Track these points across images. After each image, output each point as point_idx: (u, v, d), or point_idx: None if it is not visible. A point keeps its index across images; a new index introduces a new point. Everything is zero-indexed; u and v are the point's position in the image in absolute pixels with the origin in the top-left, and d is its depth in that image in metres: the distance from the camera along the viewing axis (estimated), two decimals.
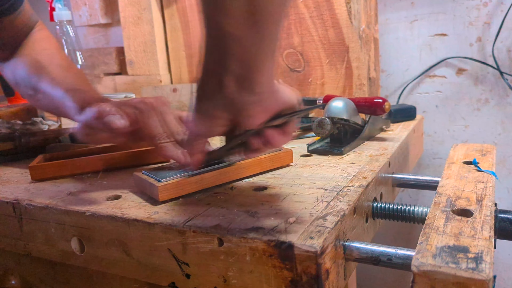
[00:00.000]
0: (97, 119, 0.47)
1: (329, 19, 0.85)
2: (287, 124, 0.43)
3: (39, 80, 0.61)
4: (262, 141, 0.42)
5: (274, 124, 0.42)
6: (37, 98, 0.62)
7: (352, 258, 0.41)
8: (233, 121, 0.40)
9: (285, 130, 0.43)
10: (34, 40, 0.70)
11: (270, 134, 0.42)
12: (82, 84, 0.61)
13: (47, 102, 0.61)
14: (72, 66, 0.68)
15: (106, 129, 0.47)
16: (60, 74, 0.62)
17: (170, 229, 0.40)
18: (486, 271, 0.31)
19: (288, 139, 0.44)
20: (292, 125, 0.43)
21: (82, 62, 1.11)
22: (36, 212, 0.49)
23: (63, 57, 0.68)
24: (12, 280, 0.59)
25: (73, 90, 0.58)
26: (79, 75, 0.65)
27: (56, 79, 0.61)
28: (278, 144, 0.43)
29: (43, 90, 0.60)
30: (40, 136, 0.72)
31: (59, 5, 1.08)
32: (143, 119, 0.50)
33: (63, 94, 0.57)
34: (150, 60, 1.10)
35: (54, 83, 0.60)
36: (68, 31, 1.09)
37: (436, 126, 1.03)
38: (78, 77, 0.64)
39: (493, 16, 0.93)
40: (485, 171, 0.54)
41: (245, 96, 0.37)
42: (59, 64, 0.65)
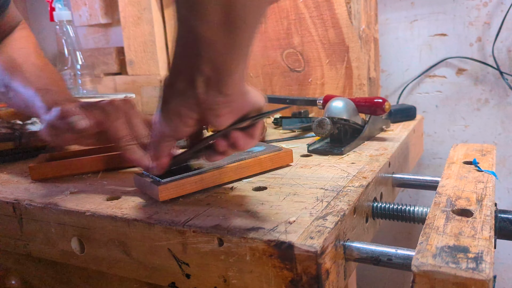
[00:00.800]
0: (61, 119, 0.47)
1: (329, 19, 0.85)
2: (253, 127, 0.42)
3: (11, 78, 0.61)
4: (228, 143, 0.42)
5: (240, 126, 0.42)
6: (8, 96, 0.62)
7: (352, 258, 0.41)
8: (200, 122, 0.39)
9: (251, 132, 0.42)
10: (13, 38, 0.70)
11: (236, 136, 0.41)
12: (54, 84, 0.61)
13: (18, 101, 0.61)
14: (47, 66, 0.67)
15: (69, 129, 0.47)
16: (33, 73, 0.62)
17: (170, 229, 0.40)
18: (486, 271, 0.31)
19: (254, 142, 0.43)
20: (258, 128, 0.43)
21: (82, 62, 1.11)
22: (36, 212, 0.49)
23: (39, 57, 0.68)
24: (12, 280, 0.59)
25: (44, 90, 0.57)
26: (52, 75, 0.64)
27: (28, 78, 0.60)
28: (243, 147, 0.42)
29: (14, 89, 0.60)
30: (40, 136, 0.72)
31: (59, 5, 1.08)
32: (109, 121, 0.49)
33: (33, 93, 0.57)
34: (150, 60, 1.10)
35: (26, 82, 0.60)
36: (68, 31, 1.09)
37: (436, 126, 1.03)
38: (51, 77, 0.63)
39: (493, 16, 0.93)
40: (485, 171, 0.54)
41: (214, 96, 0.36)
42: (33, 63, 0.65)
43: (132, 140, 0.50)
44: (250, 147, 0.43)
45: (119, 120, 0.50)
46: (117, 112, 0.50)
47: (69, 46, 1.10)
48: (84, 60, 1.12)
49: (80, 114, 0.47)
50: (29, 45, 0.70)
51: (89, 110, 0.49)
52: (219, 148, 0.42)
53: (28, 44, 0.70)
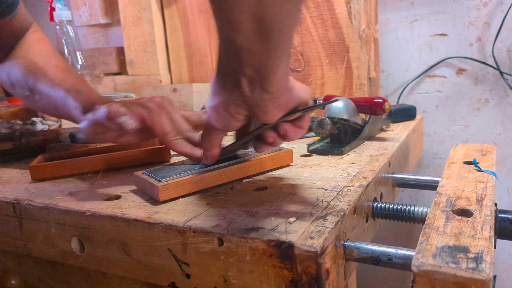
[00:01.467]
0: (109, 119, 0.47)
1: (329, 19, 0.85)
2: (301, 118, 0.45)
3: (36, 81, 0.61)
4: (278, 134, 0.44)
5: (289, 119, 0.44)
6: (34, 99, 0.62)
7: (352, 258, 0.41)
8: (250, 117, 0.41)
9: (299, 124, 0.45)
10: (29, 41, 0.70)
11: (286, 128, 0.44)
12: (81, 85, 0.61)
13: (46, 103, 0.61)
14: (69, 67, 0.68)
15: (117, 129, 0.47)
16: (58, 74, 0.62)
17: (170, 229, 0.40)
18: (486, 271, 0.31)
19: (303, 133, 0.46)
20: (306, 120, 0.45)
21: (82, 62, 1.11)
22: (36, 212, 0.49)
23: (59, 59, 0.68)
24: (12, 280, 0.59)
25: (75, 90, 0.58)
26: (77, 76, 0.65)
27: (55, 80, 0.61)
28: (293, 138, 0.45)
29: (41, 91, 0.60)
30: (40, 136, 0.72)
31: (59, 5, 1.08)
32: (153, 118, 0.50)
33: (64, 94, 0.57)
34: (150, 60, 1.10)
35: (54, 84, 0.60)
36: (68, 31, 1.09)
37: (436, 126, 1.03)
38: (77, 78, 0.64)
39: (493, 16, 0.93)
40: (485, 171, 0.54)
41: (259, 94, 0.38)
42: (56, 65, 0.65)
43: (178, 135, 0.51)
44: (299, 137, 0.46)
45: (162, 116, 0.51)
46: (159, 108, 0.52)
47: (69, 46, 1.10)
48: (84, 60, 1.12)
49: (128, 114, 0.48)
50: (47, 47, 0.70)
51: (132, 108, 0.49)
52: (268, 139, 0.45)
53: (45, 46, 0.70)
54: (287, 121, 0.44)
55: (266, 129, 0.44)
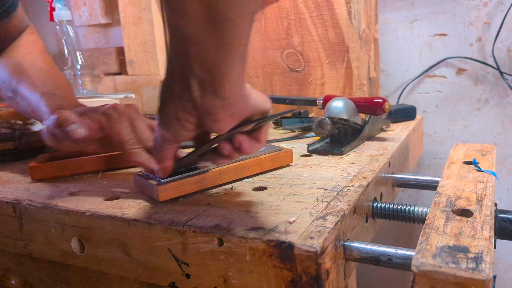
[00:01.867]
0: (58, 126, 0.46)
1: (329, 19, 0.85)
2: (258, 130, 0.42)
3: (18, 83, 0.61)
4: (233, 147, 0.41)
5: (245, 130, 0.41)
6: (15, 100, 0.62)
7: (352, 258, 0.41)
8: (201, 126, 0.38)
9: (256, 136, 0.41)
10: (20, 43, 0.70)
11: (241, 140, 0.40)
12: (59, 89, 0.61)
13: (25, 105, 0.61)
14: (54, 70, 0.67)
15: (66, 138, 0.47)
16: (39, 78, 0.62)
17: (170, 229, 0.40)
18: (486, 271, 0.31)
19: (260, 146, 0.42)
20: (264, 131, 0.42)
21: (82, 62, 1.11)
22: (36, 212, 0.49)
23: (45, 61, 0.67)
24: (12, 280, 0.59)
25: (49, 94, 0.57)
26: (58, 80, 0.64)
27: (34, 83, 0.60)
28: (249, 151, 0.41)
29: (21, 93, 0.60)
30: (40, 136, 0.72)
31: (59, 5, 1.08)
32: (112, 125, 0.49)
33: (39, 98, 0.57)
34: (150, 60, 1.10)
35: (32, 87, 0.60)
36: (68, 31, 1.09)
37: (436, 126, 1.03)
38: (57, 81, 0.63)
39: (493, 16, 0.93)
40: (485, 171, 0.54)
41: (210, 100, 0.35)
42: (40, 68, 0.65)
43: (137, 143, 0.49)
44: (256, 151, 0.42)
45: (123, 124, 0.50)
46: (120, 116, 0.50)
47: (69, 46, 1.10)
48: (84, 60, 1.12)
49: (78, 122, 0.46)
50: (35, 50, 0.70)
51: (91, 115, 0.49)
52: (223, 151, 0.41)
53: (35, 49, 0.70)
54: (242, 133, 0.41)
55: (221, 140, 0.41)
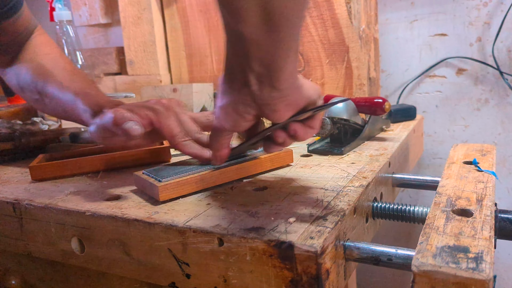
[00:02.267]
0: (115, 124, 0.47)
1: (329, 19, 0.85)
2: (311, 118, 0.44)
3: (45, 85, 0.61)
4: (287, 135, 0.43)
5: (299, 118, 0.43)
6: (43, 102, 0.62)
7: (352, 258, 0.41)
8: (259, 116, 0.41)
9: (310, 124, 0.44)
10: (35, 44, 0.70)
11: (296, 128, 0.43)
12: (90, 88, 0.61)
13: (55, 106, 0.61)
14: (77, 70, 0.68)
15: (123, 135, 0.47)
16: (67, 78, 0.62)
17: (170, 229, 0.40)
18: (486, 271, 0.31)
19: (313, 133, 0.45)
20: (317, 119, 0.44)
21: (82, 62, 1.11)
22: (36, 212, 0.49)
23: (67, 61, 0.68)
24: (12, 280, 0.59)
25: (83, 93, 0.58)
26: (85, 79, 0.65)
27: (63, 83, 0.61)
28: (303, 138, 0.44)
29: (50, 94, 0.60)
30: (40, 136, 0.72)
31: (59, 5, 1.08)
32: (160, 120, 0.50)
33: (73, 97, 0.57)
34: (150, 60, 1.10)
35: (62, 87, 0.60)
36: (68, 31, 1.09)
37: (436, 126, 1.03)
38: (85, 80, 0.64)
39: (493, 16, 0.93)
40: (485, 171, 0.53)
41: (268, 92, 0.38)
42: (64, 68, 0.65)
43: (186, 136, 0.51)
44: (309, 137, 0.45)
45: (171, 118, 0.51)
46: (167, 110, 0.51)
47: (69, 46, 1.10)
48: (84, 60, 1.12)
49: (133, 119, 0.47)
50: (53, 51, 0.70)
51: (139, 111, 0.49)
52: (278, 139, 0.44)
53: (52, 49, 0.70)
54: (297, 121, 0.43)
55: (276, 129, 0.44)
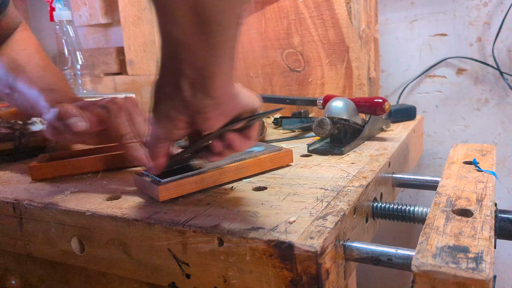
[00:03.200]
0: (59, 120, 0.47)
1: (329, 19, 0.85)
2: (249, 128, 0.42)
3: (15, 79, 0.61)
4: (224, 144, 0.42)
5: (235, 128, 0.41)
6: (13, 97, 0.62)
7: (352, 258, 0.41)
8: (192, 124, 0.39)
9: (247, 134, 0.42)
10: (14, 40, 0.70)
11: (232, 137, 0.41)
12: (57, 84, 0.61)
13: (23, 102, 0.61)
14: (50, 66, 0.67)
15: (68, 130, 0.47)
16: (37, 73, 0.62)
17: (170, 229, 0.40)
18: (486, 271, 0.31)
19: (251, 143, 0.43)
20: (254, 129, 0.43)
21: (82, 62, 1.11)
22: (36, 212, 0.49)
23: (41, 57, 0.68)
24: (12, 280, 0.59)
25: (48, 89, 0.58)
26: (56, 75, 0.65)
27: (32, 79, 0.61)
28: (240, 148, 0.42)
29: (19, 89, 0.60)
30: (40, 136, 0.72)
31: (59, 5, 1.08)
32: (110, 119, 0.49)
33: (37, 93, 0.57)
34: (150, 60, 1.10)
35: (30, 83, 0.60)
36: (68, 31, 1.09)
37: (436, 126, 1.03)
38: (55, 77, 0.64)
39: (493, 16, 0.93)
40: (485, 171, 0.54)
41: (200, 99, 0.36)
42: (37, 64, 0.65)
43: (134, 138, 0.50)
44: (247, 148, 0.43)
45: (121, 117, 0.50)
46: (119, 110, 0.50)
47: (69, 46, 1.10)
48: (84, 60, 1.12)
49: (78, 115, 0.47)
50: (30, 46, 0.70)
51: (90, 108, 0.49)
52: (215, 149, 0.42)
53: (29, 45, 0.70)
54: (233, 131, 0.42)
55: (211, 138, 0.42)
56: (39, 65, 0.65)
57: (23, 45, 0.69)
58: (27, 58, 0.66)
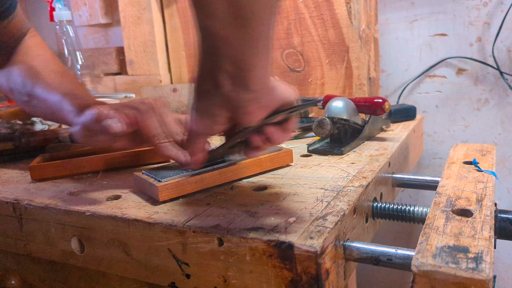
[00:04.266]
0: (96, 122, 0.47)
1: (329, 19, 0.85)
2: (286, 121, 0.43)
3: (34, 86, 0.61)
4: (262, 138, 0.43)
5: (274, 121, 0.42)
6: (32, 104, 0.62)
7: (352, 258, 0.41)
8: (232, 119, 0.40)
9: (285, 127, 0.43)
10: (27, 46, 0.70)
11: (270, 131, 0.42)
12: (78, 89, 0.61)
13: (43, 108, 0.61)
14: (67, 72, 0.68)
15: (104, 132, 0.47)
16: (55, 79, 0.62)
17: (170, 229, 0.40)
18: (486, 271, 0.31)
19: (288, 136, 0.44)
20: (291, 122, 0.44)
21: (82, 62, 1.11)
22: (36, 212, 0.49)
23: (57, 63, 0.68)
24: (12, 280, 0.59)
25: (71, 94, 0.58)
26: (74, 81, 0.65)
27: (52, 85, 0.61)
28: (278, 141, 0.43)
29: (38, 96, 0.60)
30: (40, 136, 0.72)
31: (59, 5, 1.08)
32: (142, 120, 0.50)
33: (60, 99, 0.57)
34: (150, 60, 1.10)
35: (51, 89, 0.60)
36: (68, 31, 1.09)
37: (436, 126, 1.03)
38: (74, 82, 0.64)
39: (493, 16, 0.93)
40: (485, 171, 0.53)
41: (240, 93, 0.37)
42: (54, 70, 0.65)
43: (166, 137, 0.51)
44: (285, 140, 0.44)
45: (152, 118, 0.51)
46: (149, 110, 0.51)
47: (69, 46, 1.10)
48: (84, 60, 1.12)
49: (115, 117, 0.47)
50: (45, 52, 0.70)
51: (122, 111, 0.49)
52: (254, 143, 0.43)
53: (44, 51, 0.70)
54: (272, 124, 0.43)
55: (250, 132, 0.43)
56: (56, 71, 0.65)
57: (37, 51, 0.69)
58: (44, 65, 0.66)
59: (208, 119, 0.40)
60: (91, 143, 0.50)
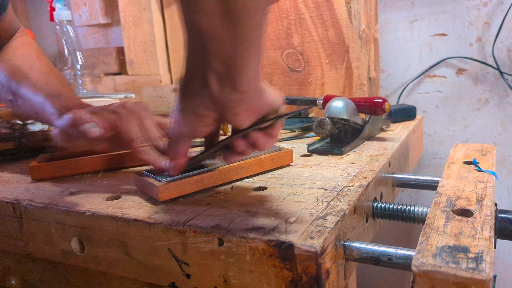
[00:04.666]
0: (72, 126, 0.47)
1: (329, 19, 0.85)
2: (272, 126, 0.42)
3: (19, 86, 0.61)
4: (247, 143, 0.42)
5: (262, 126, 0.41)
6: (17, 103, 0.62)
7: (352, 258, 0.41)
8: (218, 121, 0.39)
9: (270, 132, 0.42)
10: (14, 46, 0.69)
11: (256, 136, 0.41)
12: (63, 90, 0.61)
13: (27, 108, 0.60)
14: (54, 71, 0.67)
15: (82, 136, 0.47)
16: (40, 79, 0.62)
17: (170, 229, 0.40)
18: (486, 271, 0.31)
19: (274, 142, 0.43)
20: (277, 128, 0.43)
21: (82, 62, 1.11)
22: (36, 212, 0.49)
23: (44, 63, 0.67)
24: (12, 280, 0.59)
25: (54, 95, 0.57)
26: (60, 81, 0.64)
27: (36, 85, 0.60)
28: (263, 147, 0.42)
29: (23, 96, 0.60)
30: (40, 136, 0.72)
31: (59, 5, 1.08)
32: (121, 123, 0.49)
33: (43, 99, 0.57)
34: (150, 60, 1.10)
35: (35, 89, 0.59)
36: (68, 31, 1.09)
37: (436, 126, 1.03)
38: (59, 82, 0.63)
39: (493, 16, 0.93)
40: (485, 171, 0.54)
41: (228, 94, 0.36)
42: (39, 70, 0.65)
43: (146, 141, 0.49)
44: (270, 146, 0.43)
45: (132, 122, 0.50)
46: (128, 114, 0.50)
47: (69, 46, 1.10)
48: (84, 60, 1.12)
49: (92, 121, 0.47)
50: (31, 52, 0.69)
51: (101, 114, 0.49)
52: (237, 148, 0.42)
53: (30, 51, 0.70)
54: (258, 129, 0.41)
55: (236, 138, 0.42)
56: (42, 71, 0.65)
57: (23, 51, 0.69)
58: (29, 64, 0.65)
59: (193, 119, 0.39)
60: (71, 147, 0.50)
